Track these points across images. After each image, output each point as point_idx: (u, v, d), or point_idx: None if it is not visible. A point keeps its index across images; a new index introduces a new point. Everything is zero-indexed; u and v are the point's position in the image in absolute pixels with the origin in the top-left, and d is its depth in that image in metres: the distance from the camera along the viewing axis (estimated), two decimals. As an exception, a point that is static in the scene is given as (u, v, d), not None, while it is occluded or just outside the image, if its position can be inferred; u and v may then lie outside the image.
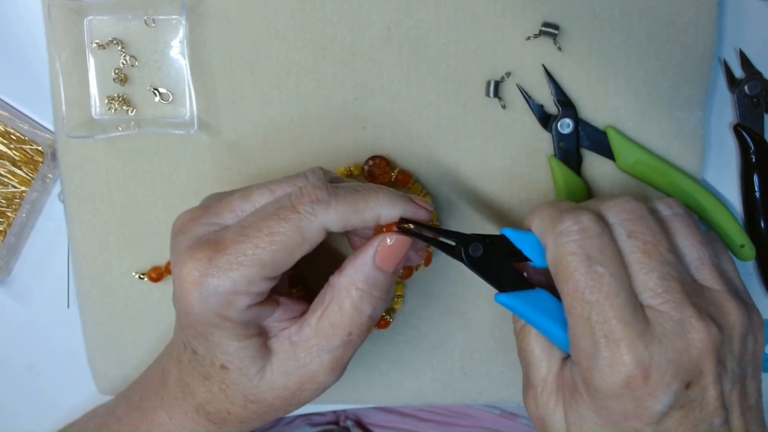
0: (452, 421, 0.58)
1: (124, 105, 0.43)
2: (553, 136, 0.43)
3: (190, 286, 0.32)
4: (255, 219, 0.33)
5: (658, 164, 0.43)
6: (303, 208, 0.33)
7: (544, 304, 0.35)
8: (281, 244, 0.32)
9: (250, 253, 0.32)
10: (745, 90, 0.44)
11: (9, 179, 0.46)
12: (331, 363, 0.35)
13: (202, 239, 0.33)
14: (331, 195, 0.33)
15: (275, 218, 0.32)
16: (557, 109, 0.43)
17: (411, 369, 0.46)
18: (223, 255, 0.32)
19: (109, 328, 0.46)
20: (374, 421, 0.59)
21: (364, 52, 0.43)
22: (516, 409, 0.59)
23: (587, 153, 0.44)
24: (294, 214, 0.32)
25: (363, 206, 0.34)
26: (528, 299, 0.35)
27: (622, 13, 0.42)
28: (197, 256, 0.32)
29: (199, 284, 0.32)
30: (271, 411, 0.36)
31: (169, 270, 0.45)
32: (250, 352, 0.34)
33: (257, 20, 0.42)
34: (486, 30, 0.42)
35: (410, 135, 0.44)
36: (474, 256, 0.35)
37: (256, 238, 0.32)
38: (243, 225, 0.33)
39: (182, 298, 0.33)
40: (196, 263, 0.32)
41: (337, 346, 0.35)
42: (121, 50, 0.43)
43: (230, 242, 0.32)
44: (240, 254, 0.32)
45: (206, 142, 0.44)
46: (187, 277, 0.32)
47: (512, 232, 0.35)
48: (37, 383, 0.49)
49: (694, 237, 0.34)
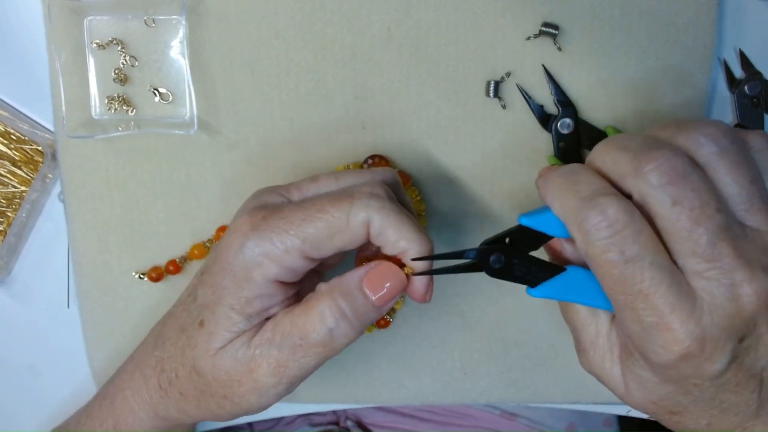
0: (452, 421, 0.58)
1: (124, 105, 0.43)
2: (553, 136, 0.43)
3: (236, 233, 0.34)
4: (314, 198, 0.35)
5: None
6: (359, 198, 0.34)
7: (578, 282, 0.34)
8: (326, 222, 0.34)
9: (296, 223, 0.34)
10: (745, 90, 0.44)
11: (9, 179, 0.46)
12: (275, 364, 0.35)
13: (267, 205, 0.36)
14: (389, 199, 0.35)
15: (330, 199, 0.34)
16: (557, 109, 0.43)
17: (411, 369, 0.46)
18: (274, 218, 0.34)
19: (109, 328, 0.46)
20: (374, 421, 0.59)
21: (364, 52, 0.43)
22: (516, 409, 0.59)
23: (587, 153, 0.44)
24: (348, 199, 0.34)
25: (405, 230, 0.34)
26: (561, 284, 0.34)
27: (622, 13, 0.42)
28: (254, 214, 0.35)
29: (243, 234, 0.34)
30: (204, 396, 0.37)
31: (169, 269, 0.45)
32: (231, 326, 0.35)
33: (257, 20, 0.42)
34: (486, 30, 0.42)
35: (410, 135, 0.44)
36: (496, 267, 0.34)
37: (307, 211, 0.34)
38: (303, 200, 0.35)
39: (223, 244, 0.35)
40: (251, 218, 0.35)
41: (287, 347, 0.34)
42: (121, 50, 0.43)
43: (286, 211, 0.34)
44: (288, 222, 0.34)
45: (206, 142, 0.44)
46: (238, 227, 0.35)
47: (529, 219, 0.34)
48: (37, 383, 0.49)
49: (744, 176, 0.30)
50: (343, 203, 0.34)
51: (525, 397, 0.47)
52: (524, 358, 0.46)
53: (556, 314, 0.46)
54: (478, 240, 0.45)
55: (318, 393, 0.47)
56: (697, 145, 0.30)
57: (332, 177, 0.37)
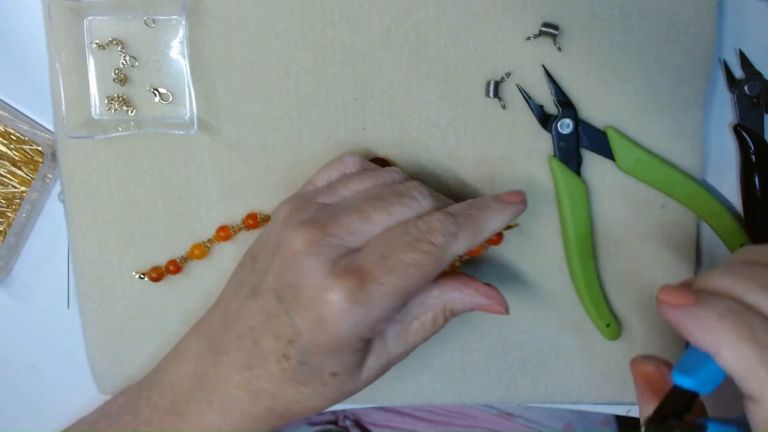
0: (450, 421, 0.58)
1: (124, 105, 0.43)
2: (553, 137, 0.43)
3: (342, 312, 0.34)
4: (392, 248, 0.34)
5: (659, 164, 0.43)
6: (438, 242, 0.35)
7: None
8: (424, 275, 0.34)
9: (398, 285, 0.34)
10: (744, 90, 0.44)
11: (9, 179, 0.46)
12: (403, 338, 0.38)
13: (339, 264, 0.34)
14: (458, 227, 0.35)
15: (416, 251, 0.34)
16: (557, 109, 0.43)
17: (411, 369, 0.46)
18: (373, 286, 0.34)
19: (109, 328, 0.46)
20: (373, 421, 0.59)
21: (364, 52, 0.43)
22: (513, 409, 0.59)
23: (587, 153, 0.44)
24: (432, 247, 0.34)
25: (481, 228, 0.36)
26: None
27: (622, 14, 0.42)
28: (346, 285, 0.33)
29: (350, 312, 0.33)
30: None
31: (169, 269, 0.45)
32: (361, 356, 0.37)
33: (257, 20, 0.42)
34: (486, 30, 0.42)
35: (410, 135, 0.44)
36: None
37: (403, 270, 0.34)
38: (382, 254, 0.34)
39: (328, 323, 0.34)
40: (346, 293, 0.33)
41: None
42: (121, 50, 0.43)
43: (377, 272, 0.34)
44: (388, 285, 0.34)
45: (206, 142, 0.44)
46: (338, 304, 0.34)
47: (688, 379, 0.28)
48: (37, 383, 0.49)
49: None
50: (431, 252, 0.35)
51: (525, 398, 0.47)
52: (524, 358, 0.46)
53: (556, 315, 0.46)
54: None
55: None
56: None
57: (383, 212, 0.36)
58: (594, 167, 0.44)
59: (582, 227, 0.43)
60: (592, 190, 0.44)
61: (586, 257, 0.44)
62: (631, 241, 0.45)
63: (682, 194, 0.43)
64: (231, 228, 0.44)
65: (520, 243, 0.45)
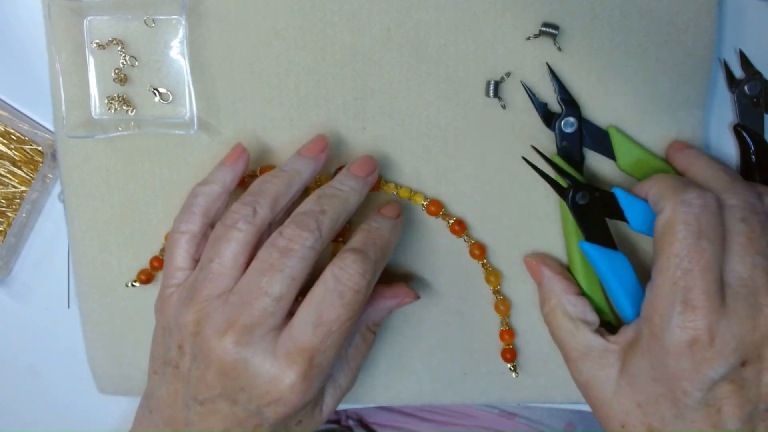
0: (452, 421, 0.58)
1: (124, 105, 0.43)
2: (556, 135, 0.43)
3: (300, 389, 0.35)
4: (320, 312, 0.36)
5: (659, 165, 0.43)
6: (361, 287, 0.36)
7: (618, 265, 0.39)
8: (355, 319, 0.36)
9: (338, 341, 0.36)
10: (744, 90, 0.44)
11: (9, 179, 0.46)
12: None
13: (279, 351, 0.36)
14: (371, 263, 0.37)
15: (344, 306, 0.36)
16: (561, 107, 0.43)
17: (411, 369, 0.46)
18: (318, 357, 0.36)
19: (109, 328, 0.46)
20: (376, 420, 0.59)
21: (364, 52, 0.43)
22: (515, 409, 0.59)
23: (588, 152, 0.44)
24: (357, 295, 0.36)
25: (388, 251, 0.40)
26: (607, 256, 0.39)
27: (622, 14, 0.42)
28: (296, 370, 0.35)
29: (306, 385, 0.36)
30: None
31: (154, 266, 0.45)
32: (317, 400, 0.39)
33: (257, 20, 0.42)
34: (486, 30, 0.42)
35: (410, 135, 0.44)
36: (579, 203, 0.40)
37: (337, 326, 0.36)
38: (314, 324, 0.35)
39: (290, 400, 0.36)
40: (299, 375, 0.35)
41: None
42: (121, 50, 0.43)
43: (317, 343, 0.35)
44: (331, 348, 0.36)
45: (206, 142, 0.44)
46: (295, 385, 0.35)
47: (623, 193, 0.39)
48: (37, 383, 0.49)
49: None
50: (359, 301, 0.36)
51: (525, 398, 0.47)
52: (524, 358, 0.46)
53: (556, 314, 0.46)
54: (482, 236, 0.45)
55: (318, 393, 0.47)
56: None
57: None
58: (595, 166, 0.44)
59: None
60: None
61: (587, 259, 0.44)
62: (629, 243, 0.45)
63: None
64: None
65: (521, 242, 0.45)
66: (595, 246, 0.39)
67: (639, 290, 0.39)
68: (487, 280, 0.45)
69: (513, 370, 0.46)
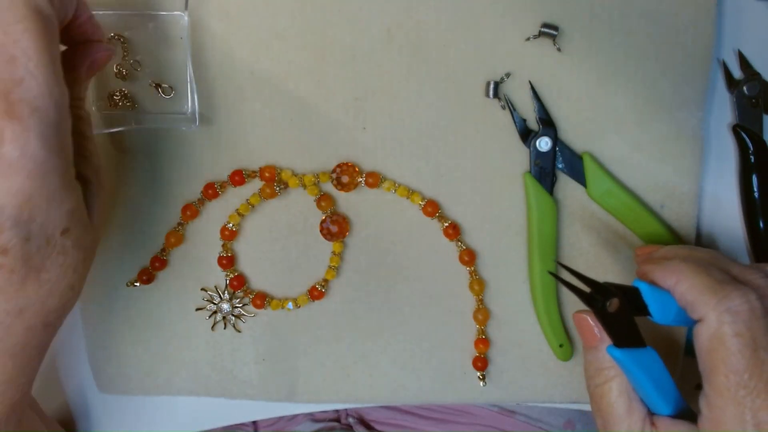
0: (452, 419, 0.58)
1: (126, 101, 0.43)
2: (531, 152, 0.43)
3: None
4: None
5: (627, 199, 0.43)
6: None
7: (650, 363, 0.35)
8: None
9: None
10: (744, 91, 0.44)
11: (9, 179, 0.46)
12: None
13: None
14: None
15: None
16: (538, 126, 0.43)
17: (411, 369, 0.46)
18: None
19: (109, 327, 0.46)
20: (376, 418, 0.60)
21: (364, 53, 0.43)
22: (514, 407, 0.59)
23: (561, 175, 0.44)
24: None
25: None
26: (638, 358, 0.35)
27: (622, 14, 0.42)
28: None
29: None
30: None
31: (155, 266, 0.45)
32: (77, 198, 0.32)
33: (258, 21, 0.42)
34: (486, 30, 0.42)
35: (410, 135, 0.44)
36: (608, 311, 0.35)
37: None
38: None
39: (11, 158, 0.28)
40: None
41: None
42: (123, 46, 0.42)
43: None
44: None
45: (206, 141, 0.44)
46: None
47: (648, 288, 0.35)
48: (37, 383, 0.49)
49: None
50: None
51: (524, 397, 0.47)
52: (524, 358, 0.46)
53: (555, 314, 0.46)
54: (477, 240, 0.45)
55: (318, 393, 0.47)
56: None
57: None
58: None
59: (547, 245, 0.44)
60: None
61: (546, 276, 0.44)
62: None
63: (642, 231, 0.44)
64: (216, 185, 0.44)
65: (520, 243, 0.45)
66: (625, 350, 0.35)
67: (670, 383, 0.36)
68: (470, 288, 0.45)
69: (482, 379, 0.46)
